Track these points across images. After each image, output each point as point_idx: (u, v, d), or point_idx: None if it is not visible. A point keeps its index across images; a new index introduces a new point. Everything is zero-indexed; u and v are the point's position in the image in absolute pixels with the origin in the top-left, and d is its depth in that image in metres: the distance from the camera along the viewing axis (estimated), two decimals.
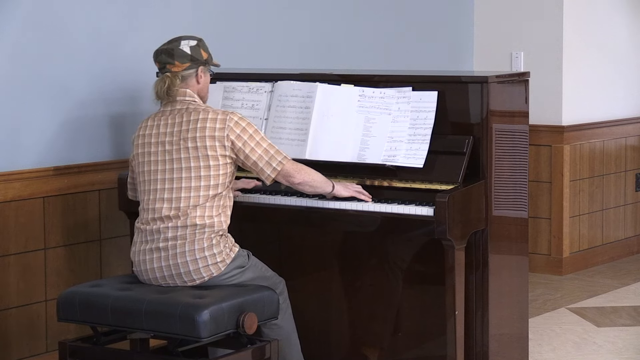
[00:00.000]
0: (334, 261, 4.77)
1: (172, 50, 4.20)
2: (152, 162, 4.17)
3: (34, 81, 4.83)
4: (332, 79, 4.63)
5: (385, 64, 6.48)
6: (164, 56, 4.20)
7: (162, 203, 4.12)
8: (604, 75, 7.16)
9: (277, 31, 5.93)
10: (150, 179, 4.17)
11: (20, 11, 4.77)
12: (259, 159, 4.15)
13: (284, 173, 4.18)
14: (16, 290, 4.80)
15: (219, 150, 4.10)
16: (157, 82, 4.22)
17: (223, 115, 4.13)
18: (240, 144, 4.12)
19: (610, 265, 7.13)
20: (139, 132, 4.26)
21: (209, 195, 4.09)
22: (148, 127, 4.22)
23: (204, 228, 4.07)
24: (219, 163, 4.10)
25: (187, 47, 4.21)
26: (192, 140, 4.10)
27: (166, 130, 4.16)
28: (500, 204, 4.43)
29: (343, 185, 4.35)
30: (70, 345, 4.11)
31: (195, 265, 4.08)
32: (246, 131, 4.13)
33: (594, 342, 5.42)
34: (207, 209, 4.09)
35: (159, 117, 4.22)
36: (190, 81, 4.22)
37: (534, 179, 6.86)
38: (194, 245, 4.07)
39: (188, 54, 4.20)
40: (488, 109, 4.34)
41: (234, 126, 4.11)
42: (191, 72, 4.22)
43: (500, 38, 7.08)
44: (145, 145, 4.20)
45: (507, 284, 4.56)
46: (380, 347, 4.69)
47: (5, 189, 4.71)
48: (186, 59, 4.20)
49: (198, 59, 4.23)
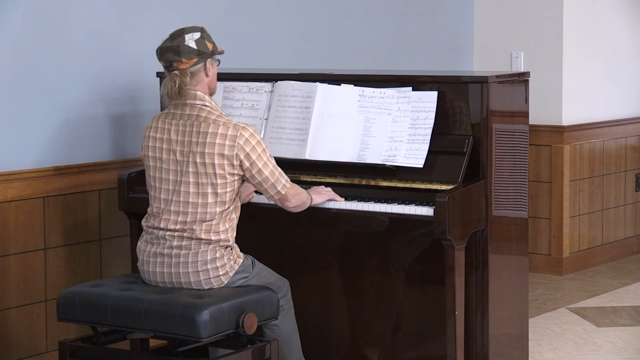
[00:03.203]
0: (334, 261, 4.77)
1: (177, 47, 4.07)
2: (164, 170, 4.12)
3: (34, 81, 4.83)
4: (332, 79, 4.63)
5: (385, 64, 6.48)
6: (170, 54, 4.08)
7: (169, 215, 4.09)
8: (604, 75, 7.16)
9: (277, 31, 5.93)
10: (162, 188, 4.12)
11: (20, 11, 4.78)
12: (265, 180, 4.10)
13: (285, 197, 4.17)
14: (16, 290, 4.80)
15: (227, 168, 4.04)
16: (166, 81, 4.10)
17: (234, 130, 4.04)
18: (248, 163, 4.06)
19: (610, 265, 7.13)
20: (149, 132, 4.17)
21: (215, 212, 4.06)
22: (159, 129, 4.14)
23: (209, 242, 4.06)
24: (226, 181, 4.05)
25: (193, 42, 4.09)
26: (201, 155, 4.03)
27: (177, 138, 4.09)
28: (500, 204, 4.43)
29: (316, 192, 4.34)
30: (70, 345, 4.11)
31: (198, 277, 4.06)
32: (255, 150, 4.06)
33: (594, 342, 5.42)
34: (213, 225, 4.06)
35: (169, 119, 4.13)
36: (199, 76, 4.12)
37: (534, 179, 6.86)
38: (197, 257, 4.05)
39: (194, 48, 4.08)
40: (488, 109, 4.34)
41: (243, 144, 4.03)
42: (199, 67, 4.11)
43: (500, 38, 7.08)
44: (157, 149, 4.13)
45: (507, 284, 4.56)
46: (380, 347, 4.69)
47: (5, 189, 4.71)
48: (193, 54, 4.08)
49: (205, 52, 4.11)
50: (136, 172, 4.73)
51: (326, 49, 6.20)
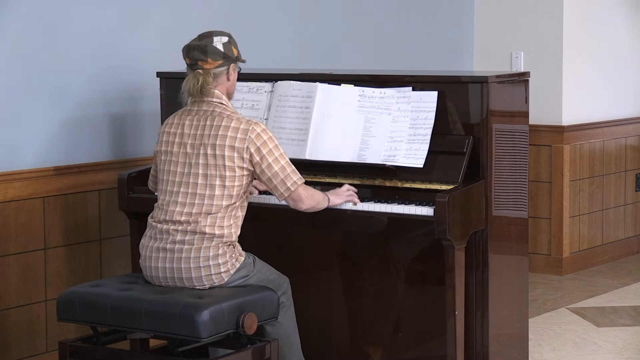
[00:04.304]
0: (334, 261, 4.77)
1: (205, 47, 4.11)
2: (173, 163, 4.14)
3: (34, 81, 4.83)
4: (332, 79, 4.63)
5: (385, 64, 6.48)
6: (196, 52, 4.11)
7: (175, 206, 4.10)
8: (604, 75, 7.16)
9: (277, 31, 5.93)
10: (169, 180, 4.14)
11: (20, 11, 4.78)
12: (274, 176, 4.10)
13: (295, 197, 4.14)
14: (16, 290, 4.80)
15: (236, 161, 4.06)
16: (190, 78, 4.12)
17: (246, 125, 4.07)
18: (258, 157, 4.07)
19: (610, 265, 7.13)
20: (164, 128, 4.20)
21: (222, 205, 4.07)
22: (174, 124, 4.17)
23: (212, 237, 4.06)
24: (235, 174, 4.06)
25: (220, 44, 4.13)
26: (212, 147, 4.06)
27: (190, 132, 4.12)
28: (500, 204, 4.43)
29: (335, 194, 4.33)
30: (70, 345, 4.11)
31: (199, 273, 4.07)
32: (266, 144, 4.07)
33: (594, 342, 5.42)
34: (218, 219, 4.07)
35: (185, 115, 4.17)
36: (220, 79, 4.15)
37: (534, 179, 6.86)
38: (199, 253, 4.05)
39: (221, 51, 4.12)
40: (488, 109, 4.34)
41: (255, 138, 4.05)
42: (223, 70, 4.15)
43: (500, 38, 7.08)
44: (169, 144, 4.16)
45: (507, 284, 4.56)
46: (380, 347, 4.69)
47: (5, 189, 4.71)
48: (219, 56, 4.12)
49: (230, 57, 4.15)
50: (136, 172, 4.73)
51: (326, 49, 6.20)
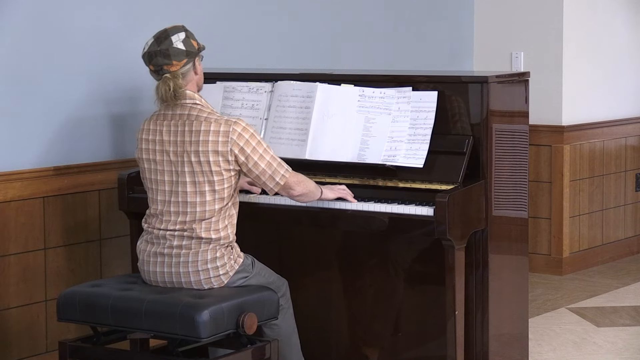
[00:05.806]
0: (334, 261, 4.77)
1: (167, 51, 4.05)
2: (159, 172, 4.12)
3: (34, 81, 4.83)
4: (332, 79, 4.63)
5: (385, 64, 6.48)
6: (160, 58, 4.05)
7: (169, 216, 4.09)
8: (604, 76, 7.16)
9: (277, 31, 5.93)
10: (158, 189, 4.13)
11: (20, 11, 4.77)
12: (262, 173, 4.09)
13: (286, 186, 4.15)
14: (16, 290, 4.80)
15: (222, 164, 4.03)
16: (160, 85, 4.07)
17: (226, 126, 4.02)
18: (244, 157, 4.05)
19: (610, 265, 7.13)
20: (141, 134, 4.17)
21: (215, 209, 4.06)
22: (150, 131, 4.14)
23: (209, 241, 4.06)
24: (223, 177, 4.05)
25: (180, 43, 4.07)
26: (195, 154, 4.03)
27: (169, 139, 4.08)
28: (500, 204, 4.43)
29: (329, 188, 4.33)
30: (70, 345, 4.11)
31: (198, 277, 4.07)
32: (249, 143, 4.05)
33: (594, 342, 5.42)
34: (213, 224, 4.06)
35: (160, 120, 4.13)
36: (189, 76, 4.12)
37: (534, 179, 6.86)
38: (198, 257, 4.05)
39: (183, 50, 4.07)
40: (488, 109, 4.34)
41: (237, 139, 4.02)
42: (189, 67, 4.11)
43: (500, 38, 7.08)
44: (150, 152, 4.13)
45: (507, 284, 4.56)
46: (380, 347, 4.69)
47: (5, 189, 4.71)
48: (182, 55, 4.07)
49: (192, 52, 4.10)
50: (136, 172, 4.73)
51: (326, 49, 6.20)
